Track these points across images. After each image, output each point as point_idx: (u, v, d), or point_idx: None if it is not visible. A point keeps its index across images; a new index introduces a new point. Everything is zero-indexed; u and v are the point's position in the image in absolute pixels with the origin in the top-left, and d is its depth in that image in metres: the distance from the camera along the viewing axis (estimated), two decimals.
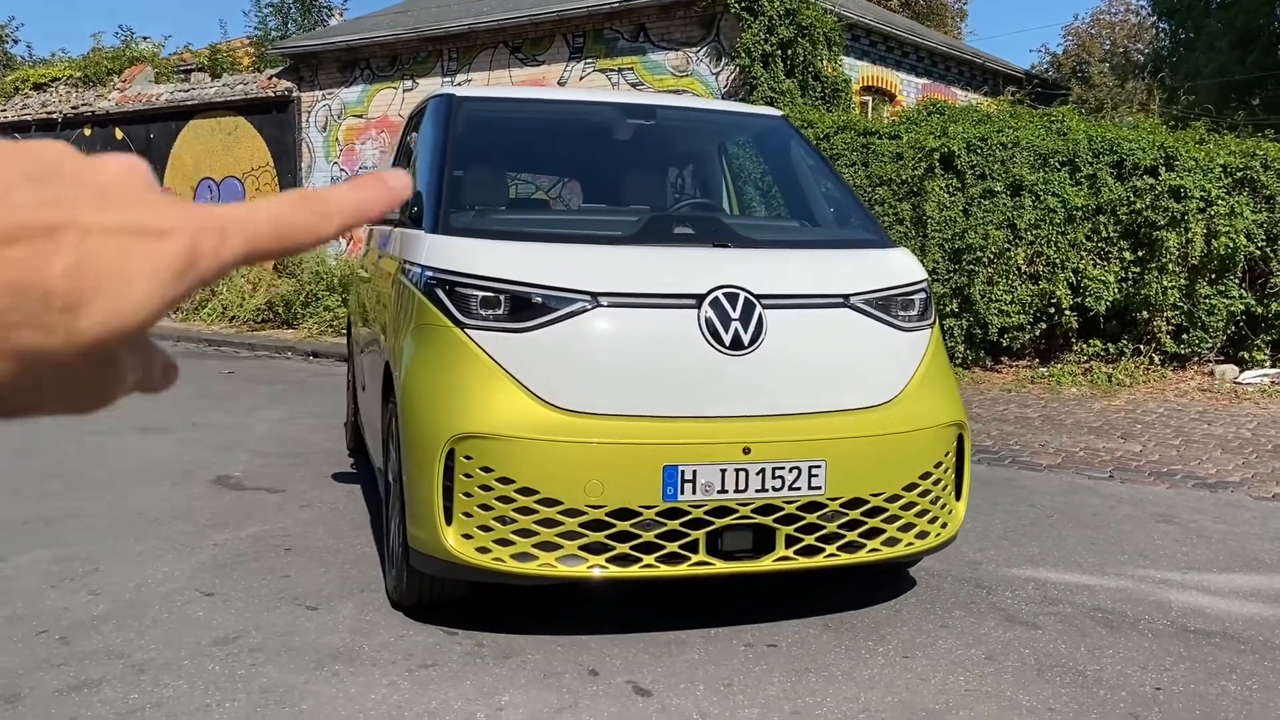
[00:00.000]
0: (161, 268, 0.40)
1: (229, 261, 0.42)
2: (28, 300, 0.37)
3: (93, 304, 0.38)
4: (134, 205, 0.40)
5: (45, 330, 0.38)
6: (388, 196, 0.46)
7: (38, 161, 0.40)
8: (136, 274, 0.39)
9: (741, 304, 3.32)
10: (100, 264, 0.38)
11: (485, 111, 4.25)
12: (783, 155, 4.49)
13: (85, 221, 0.38)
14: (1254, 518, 5.23)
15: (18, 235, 0.37)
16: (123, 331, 0.39)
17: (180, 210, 0.41)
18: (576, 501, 3.14)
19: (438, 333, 3.34)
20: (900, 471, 3.42)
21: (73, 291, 0.38)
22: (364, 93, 14.73)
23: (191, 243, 0.40)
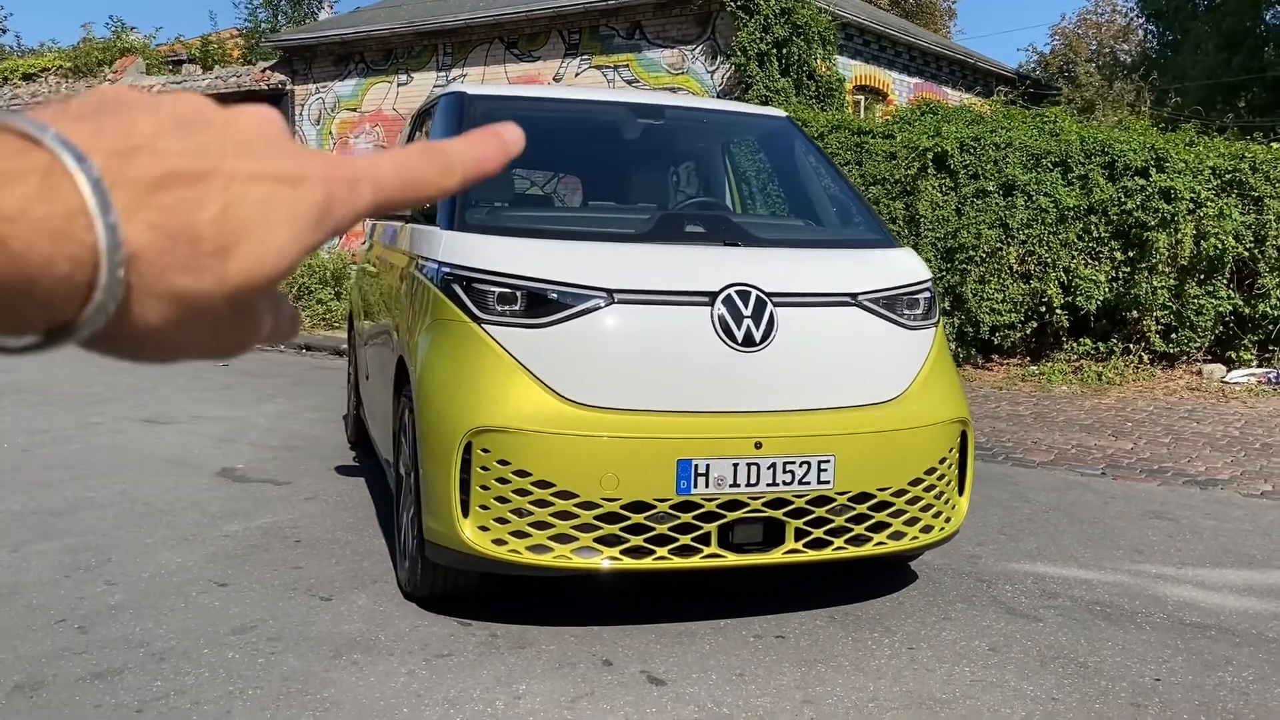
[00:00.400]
0: (300, 215, 0.41)
1: (362, 210, 0.43)
2: (180, 244, 0.38)
3: (239, 248, 0.39)
4: (273, 153, 0.41)
5: (197, 273, 0.39)
6: (503, 150, 0.47)
7: (182, 110, 0.41)
8: (279, 220, 0.40)
9: (753, 302, 3.38)
10: (245, 211, 0.40)
11: (497, 109, 4.30)
12: (788, 155, 4.56)
13: (230, 169, 0.40)
14: (1244, 514, 5.33)
15: (169, 182, 0.38)
16: (267, 277, 0.40)
17: (316, 159, 0.42)
18: (592, 495, 3.20)
19: (455, 328, 3.39)
20: (906, 467, 3.50)
21: (221, 235, 0.39)
22: (358, 86, 14.73)
23: (327, 191, 0.42)
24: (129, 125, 0.39)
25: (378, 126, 14.59)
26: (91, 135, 0.38)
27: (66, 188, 0.37)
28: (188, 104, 0.42)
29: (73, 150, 0.37)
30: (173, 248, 0.38)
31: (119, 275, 0.38)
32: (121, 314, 0.39)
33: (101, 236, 0.37)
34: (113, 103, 0.41)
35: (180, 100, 0.42)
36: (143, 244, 0.38)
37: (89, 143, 0.38)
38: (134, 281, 0.38)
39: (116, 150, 0.38)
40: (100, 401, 7.84)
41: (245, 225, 0.39)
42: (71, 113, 0.40)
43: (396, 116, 14.32)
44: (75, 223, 0.37)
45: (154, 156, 0.39)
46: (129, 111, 0.40)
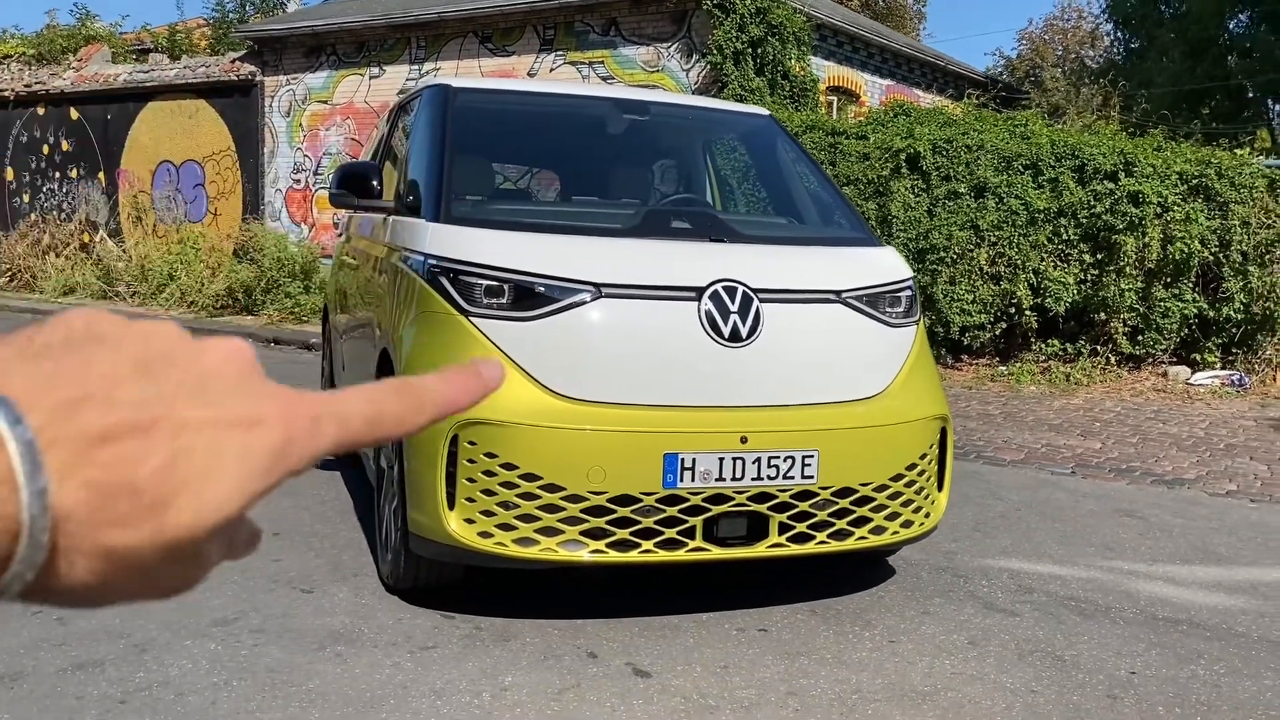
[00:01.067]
0: (252, 460, 0.39)
1: (322, 449, 0.41)
2: (117, 500, 0.36)
3: (180, 500, 0.37)
4: (233, 394, 0.39)
5: (131, 528, 0.36)
6: (482, 390, 0.45)
7: (149, 346, 0.39)
8: (227, 467, 0.38)
9: (740, 297, 3.40)
10: (192, 460, 0.37)
11: (481, 102, 4.29)
12: (771, 154, 4.59)
13: (182, 416, 0.38)
14: (1210, 513, 5.42)
15: (114, 434, 0.36)
16: (208, 527, 0.38)
17: (277, 399, 0.40)
18: (579, 487, 3.21)
19: (441, 320, 3.39)
20: (888, 462, 3.54)
21: (161, 487, 0.37)
22: (329, 79, 14.63)
23: (286, 432, 0.39)
24: (86, 366, 0.38)
25: (349, 119, 14.50)
26: (43, 381, 0.37)
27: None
28: (156, 338, 0.40)
29: (8, 410, 0.36)
30: (108, 504, 0.36)
31: (42, 542, 0.36)
32: (45, 574, 0.36)
33: (25, 507, 0.35)
34: (79, 336, 0.39)
35: (149, 333, 0.40)
36: (76, 503, 0.36)
37: (36, 393, 0.36)
38: (61, 542, 0.36)
39: (66, 400, 0.37)
40: None
41: (189, 475, 0.37)
42: (34, 348, 0.38)
43: (368, 109, 14.23)
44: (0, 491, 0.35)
45: (104, 406, 0.37)
46: (91, 349, 0.38)
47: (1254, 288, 9.19)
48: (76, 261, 16.35)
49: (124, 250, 15.82)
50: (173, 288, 14.62)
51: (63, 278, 15.99)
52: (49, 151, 17.50)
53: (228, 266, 14.32)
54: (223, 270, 14.33)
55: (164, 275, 14.85)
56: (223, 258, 14.67)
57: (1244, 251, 9.22)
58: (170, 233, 15.99)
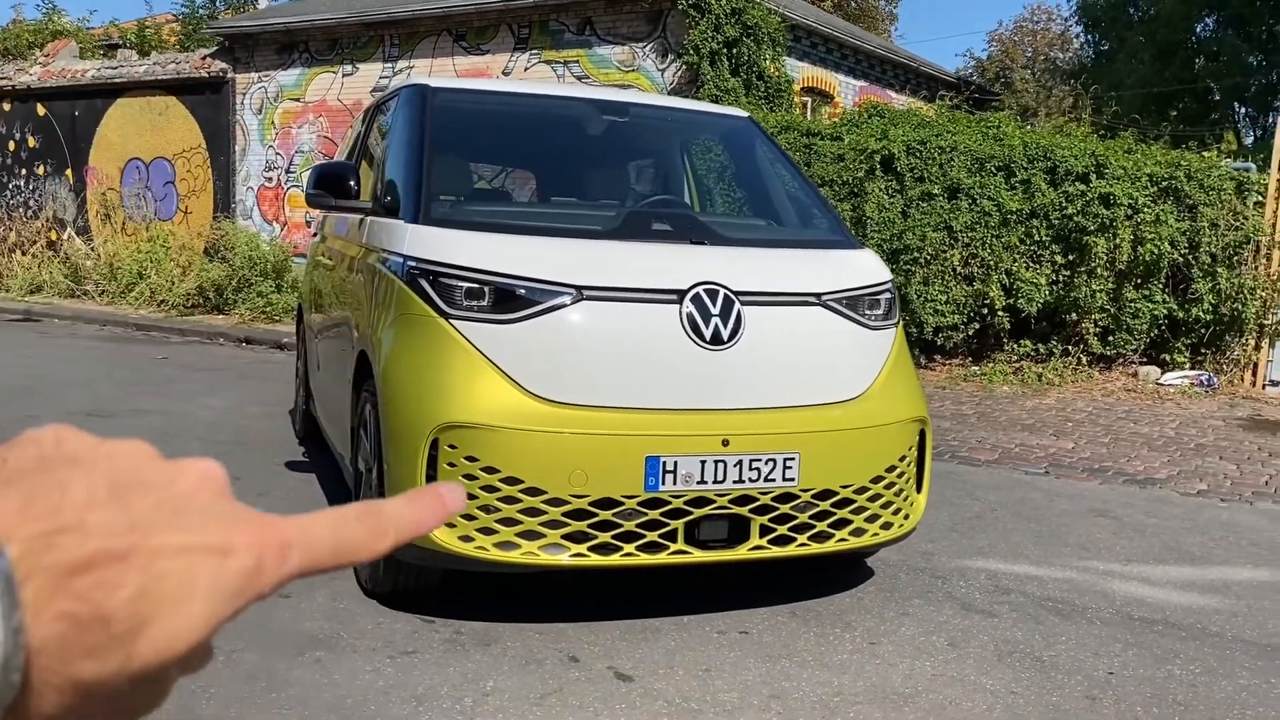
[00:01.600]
0: (223, 585, 0.38)
1: (289, 576, 0.41)
2: (89, 630, 0.35)
3: (151, 628, 0.37)
4: (206, 519, 0.39)
5: (102, 657, 0.36)
6: (444, 512, 0.45)
7: (121, 469, 0.39)
8: (198, 595, 0.38)
9: (721, 300, 3.40)
10: (164, 587, 0.37)
11: (459, 102, 4.27)
12: (750, 155, 4.59)
13: (156, 543, 0.37)
14: (1182, 513, 5.48)
15: (90, 564, 0.36)
16: (178, 653, 0.37)
17: (248, 526, 0.40)
18: (560, 491, 3.20)
19: (421, 323, 3.37)
20: (868, 464, 3.55)
21: (134, 616, 0.36)
22: (302, 76, 14.51)
23: (256, 561, 0.39)
24: (60, 494, 0.37)
25: (321, 117, 14.39)
26: (18, 511, 0.36)
27: None
28: (128, 460, 0.39)
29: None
30: (81, 635, 0.35)
31: (14, 681, 0.35)
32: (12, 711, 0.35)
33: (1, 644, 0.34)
34: (51, 458, 0.39)
35: (121, 454, 0.40)
36: (49, 636, 0.35)
37: (11, 523, 0.36)
38: (32, 678, 0.35)
39: (42, 532, 0.36)
40: (34, 395, 7.64)
41: (161, 603, 0.37)
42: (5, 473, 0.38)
43: (341, 107, 14.13)
44: None
45: (80, 536, 0.36)
46: (64, 473, 0.38)
47: (1222, 289, 9.30)
48: (43, 260, 16.14)
49: (92, 248, 15.63)
50: (142, 286, 14.46)
51: (29, 276, 15.78)
52: (14, 148, 17.26)
53: (198, 265, 14.18)
54: (193, 269, 14.19)
55: (133, 274, 14.69)
56: (193, 256, 14.52)
57: (1213, 253, 9.33)
58: (140, 231, 15.82)
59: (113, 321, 13.24)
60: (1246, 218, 9.33)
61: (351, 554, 0.42)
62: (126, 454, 0.40)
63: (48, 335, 11.89)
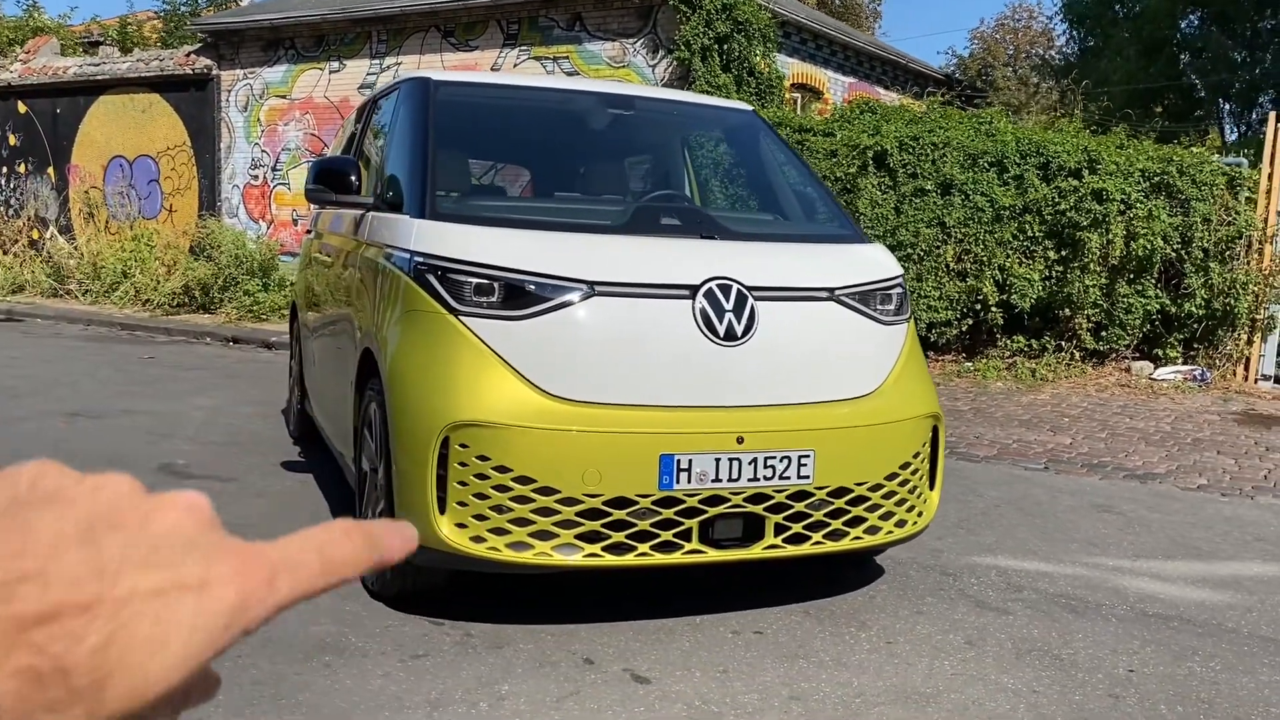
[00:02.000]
0: (204, 624, 0.36)
1: (281, 605, 0.39)
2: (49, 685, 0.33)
3: (119, 677, 0.34)
4: (185, 554, 0.37)
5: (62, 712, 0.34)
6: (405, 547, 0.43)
7: (95, 505, 0.37)
8: (173, 636, 0.36)
9: (734, 295, 3.35)
10: (134, 633, 0.35)
11: (462, 96, 4.20)
12: (756, 149, 4.54)
13: (125, 588, 0.35)
14: (1185, 507, 5.47)
15: (51, 615, 0.34)
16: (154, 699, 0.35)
17: (232, 557, 0.38)
18: (573, 490, 3.14)
19: (430, 320, 3.30)
20: (883, 461, 3.50)
21: (99, 667, 0.34)
22: (288, 73, 14.38)
23: (240, 594, 0.37)
24: (24, 539, 0.35)
25: (308, 114, 14.26)
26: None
27: None
28: (106, 497, 0.37)
29: None
30: (39, 691, 0.33)
31: None
32: None
33: None
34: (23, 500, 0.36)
35: (98, 489, 0.37)
36: (5, 692, 0.33)
37: None
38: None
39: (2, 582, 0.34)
40: (19, 396, 7.52)
41: (130, 651, 0.34)
42: None
43: (328, 104, 14.02)
44: None
45: (40, 586, 0.34)
46: (32, 516, 0.36)
47: (1215, 284, 9.32)
48: (25, 259, 15.96)
49: (75, 247, 15.45)
50: (126, 286, 14.31)
51: (11, 275, 15.59)
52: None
53: (184, 264, 14.04)
54: (179, 268, 14.04)
55: (117, 273, 14.54)
56: (179, 255, 14.37)
57: (1205, 248, 9.34)
58: (123, 229, 15.66)
59: (97, 321, 13.09)
60: (1238, 213, 9.34)
61: (341, 572, 0.41)
62: (104, 488, 0.38)
63: (31, 335, 11.74)
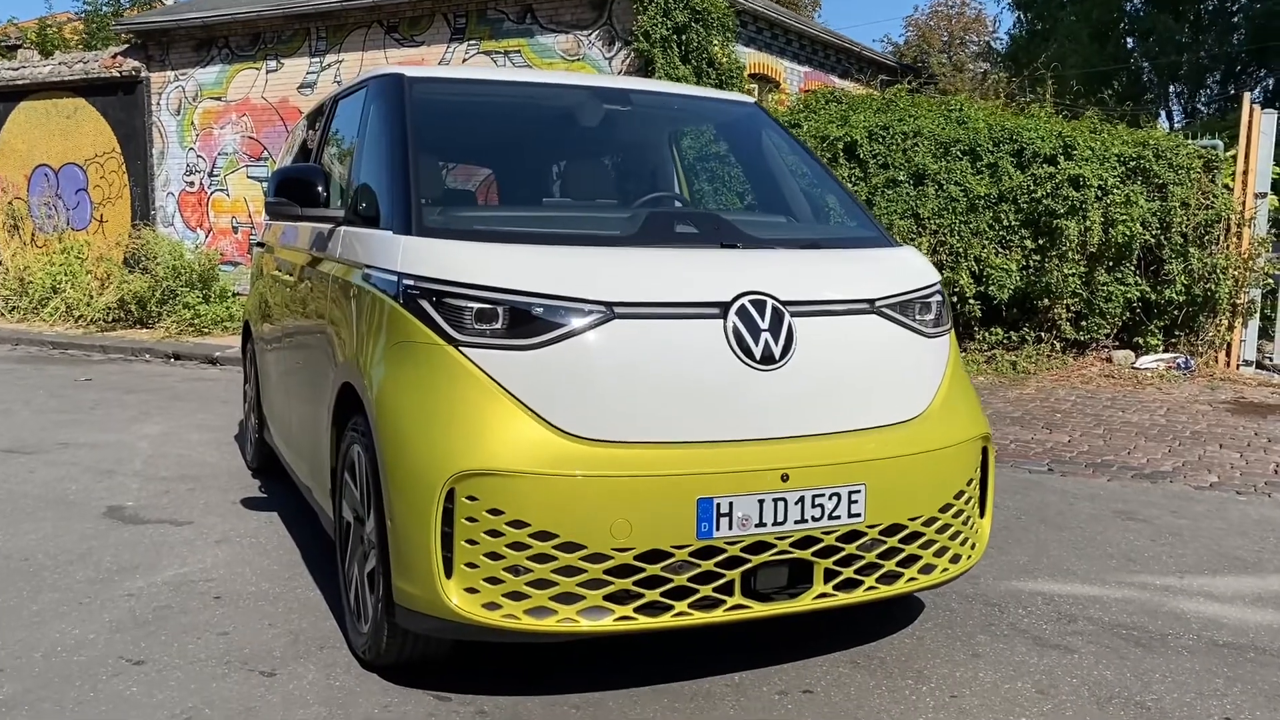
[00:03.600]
0: None
1: None
2: None
3: None
4: None
5: None
6: None
7: None
8: None
9: (769, 312, 2.96)
10: None
11: (440, 94, 3.75)
12: (761, 146, 4.14)
13: None
14: (1208, 510, 5.20)
15: None
16: None
17: None
18: (601, 545, 2.73)
19: (424, 352, 2.86)
20: (936, 492, 3.14)
21: None
22: (222, 73, 13.71)
23: None
24: None
25: (245, 116, 13.62)
26: None
27: None
28: None
29: None
30: None
31: None
32: None
33: None
34: None
35: None
36: None
37: None
38: None
39: None
40: None
41: None
42: None
43: (266, 105, 13.38)
44: None
45: None
46: None
47: (1194, 269, 9.14)
48: None
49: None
50: (57, 301, 13.57)
51: None
52: None
53: (118, 277, 13.33)
54: (113, 281, 13.33)
55: (46, 288, 13.78)
56: (112, 267, 13.66)
57: (1184, 233, 9.15)
58: (51, 242, 14.87)
59: (26, 340, 12.36)
60: (1216, 196, 9.17)
61: None
62: None
63: None
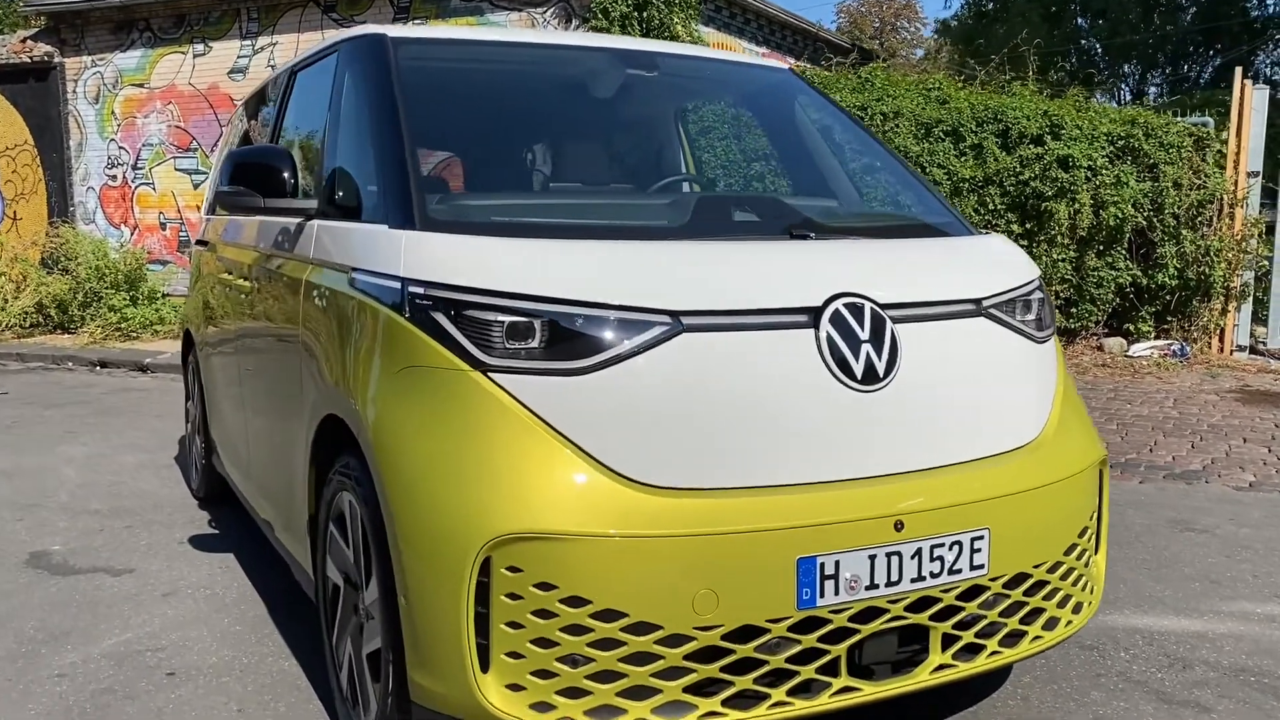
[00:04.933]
0: None
1: None
2: None
3: None
4: None
5: None
6: None
7: None
8: None
9: (869, 318, 2.38)
10: None
11: (433, 58, 3.10)
12: (808, 117, 3.56)
13: None
14: (1266, 517, 4.78)
15: None
16: None
17: None
18: (681, 624, 2.13)
19: (441, 379, 2.23)
20: (1061, 531, 2.59)
21: None
22: (144, 58, 12.77)
23: None
24: None
25: (171, 104, 12.69)
26: None
27: None
28: None
29: None
30: None
31: None
32: None
33: None
34: None
35: None
36: None
37: None
38: None
39: None
40: None
41: None
42: None
43: (194, 92, 12.48)
44: None
45: None
46: None
47: (1187, 252, 8.79)
48: None
49: None
50: None
51: None
52: None
53: (35, 278, 12.36)
54: (30, 283, 12.36)
55: None
56: (28, 268, 12.67)
57: (1176, 214, 8.80)
58: None
59: None
60: (1208, 175, 8.82)
61: None
62: None
63: None
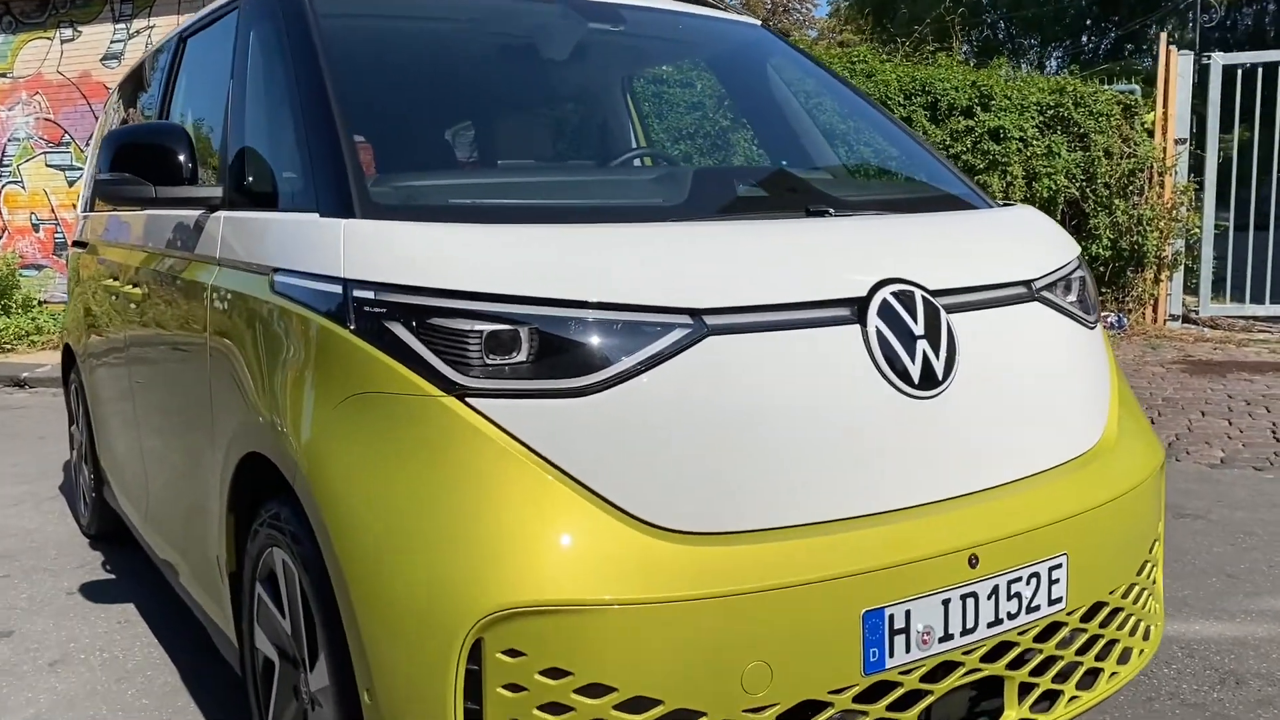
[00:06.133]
0: None
1: None
2: None
3: None
4: None
5: None
6: None
7: None
8: None
9: (922, 309, 1.96)
10: None
11: (357, 13, 2.58)
12: (797, 79, 3.14)
13: None
14: (1250, 497, 4.60)
15: None
16: None
17: None
18: (729, 708, 1.68)
19: (405, 409, 1.74)
20: (1135, 548, 2.22)
21: None
22: (6, 45, 11.76)
23: None
24: None
25: (38, 94, 11.72)
26: None
27: None
28: None
29: None
30: None
31: None
32: None
33: None
34: None
35: None
36: None
37: None
38: None
39: None
40: None
41: None
42: None
43: (64, 81, 11.54)
44: None
45: None
46: None
47: (1120, 222, 8.66)
48: None
49: None
50: None
51: None
52: None
53: None
54: None
55: None
56: None
57: (1108, 184, 8.66)
58: None
59: None
60: (1138, 143, 8.69)
61: None
62: None
63: None
